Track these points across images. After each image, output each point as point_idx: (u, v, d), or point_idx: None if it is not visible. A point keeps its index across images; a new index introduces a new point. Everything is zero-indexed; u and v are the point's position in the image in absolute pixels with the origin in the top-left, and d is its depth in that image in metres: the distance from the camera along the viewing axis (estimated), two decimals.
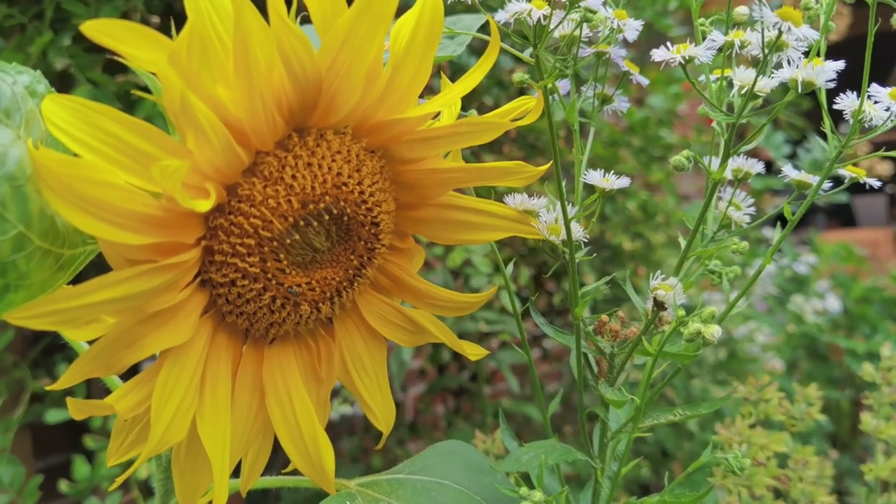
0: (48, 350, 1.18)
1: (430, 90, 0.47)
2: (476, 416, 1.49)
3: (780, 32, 0.29)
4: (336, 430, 1.45)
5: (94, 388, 1.12)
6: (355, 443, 1.42)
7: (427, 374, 1.59)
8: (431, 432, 1.48)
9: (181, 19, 0.26)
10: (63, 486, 1.06)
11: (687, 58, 0.33)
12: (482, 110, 0.41)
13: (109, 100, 1.00)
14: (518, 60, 0.35)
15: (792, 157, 1.88)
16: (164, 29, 0.29)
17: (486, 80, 1.29)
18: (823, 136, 0.38)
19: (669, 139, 1.59)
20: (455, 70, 1.16)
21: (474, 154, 1.27)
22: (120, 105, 1.00)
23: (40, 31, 1.02)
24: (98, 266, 0.34)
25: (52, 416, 1.05)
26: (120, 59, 0.27)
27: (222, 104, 0.27)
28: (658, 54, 0.34)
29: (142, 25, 0.25)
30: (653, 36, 1.62)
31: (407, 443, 1.44)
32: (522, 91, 0.39)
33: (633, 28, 0.38)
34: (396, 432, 1.40)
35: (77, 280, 0.32)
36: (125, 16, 1.02)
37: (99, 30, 0.25)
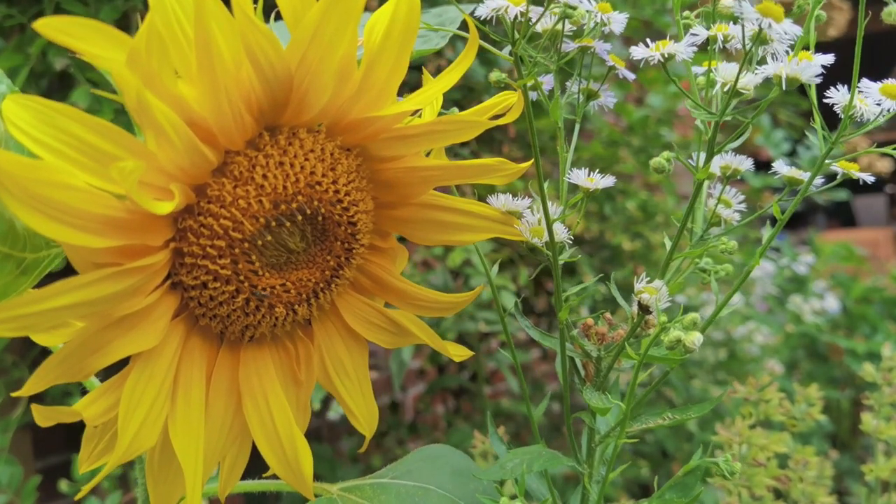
0: (47, 350, 1.18)
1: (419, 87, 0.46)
2: (476, 416, 1.48)
3: (761, 29, 0.28)
4: (336, 430, 1.44)
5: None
6: (355, 443, 1.41)
7: (427, 374, 1.58)
8: (431, 432, 1.47)
9: None
10: (63, 485, 1.05)
11: (666, 55, 0.32)
12: None
13: (108, 100, 0.99)
14: (518, 59, 0.34)
15: (792, 154, 1.87)
16: None
17: (485, 80, 1.28)
18: (816, 132, 0.37)
19: (669, 138, 1.58)
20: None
21: (474, 154, 1.26)
22: (119, 106, 1.00)
23: None
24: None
25: None
26: (81, 58, 0.26)
27: (185, 103, 0.26)
28: (637, 52, 0.33)
29: (101, 23, 0.24)
30: (653, 34, 1.61)
31: (407, 443, 1.44)
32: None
33: (618, 21, 0.37)
34: (396, 432, 1.40)
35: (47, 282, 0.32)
36: (125, 15, 1.02)
37: (55, 27, 0.24)
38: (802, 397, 0.82)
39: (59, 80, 1.04)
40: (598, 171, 0.40)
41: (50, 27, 0.24)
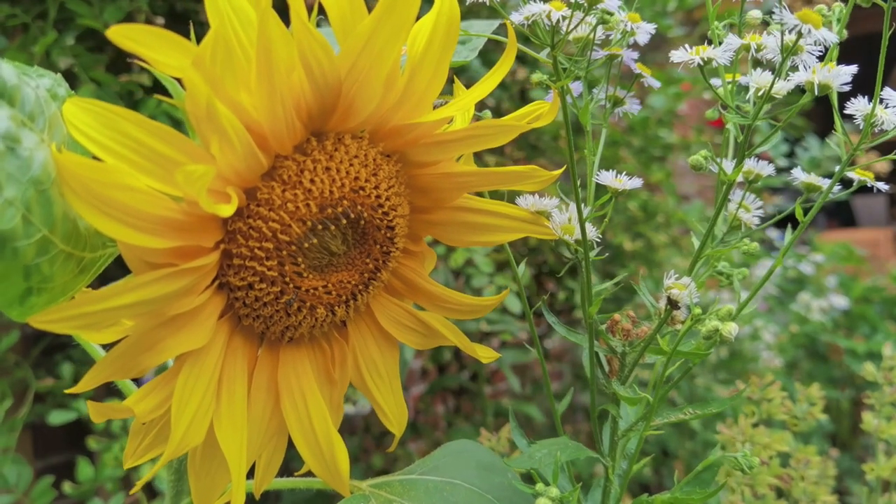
0: (48, 350, 1.18)
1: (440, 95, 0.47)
2: (476, 416, 1.49)
3: (800, 34, 0.29)
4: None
5: (103, 392, 1.12)
6: (356, 442, 1.42)
7: (429, 374, 1.59)
8: (432, 432, 1.48)
9: (184, 20, 0.26)
10: (67, 487, 1.06)
11: (706, 59, 0.33)
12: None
13: (112, 99, 1.00)
14: (521, 62, 0.35)
15: (790, 155, 1.89)
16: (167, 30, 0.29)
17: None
18: (823, 136, 0.38)
19: (669, 139, 1.60)
20: (457, 71, 1.16)
21: (476, 154, 1.27)
22: (123, 104, 1.00)
23: (44, 30, 1.02)
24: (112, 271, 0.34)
25: (56, 418, 1.05)
26: (140, 63, 0.27)
27: (244, 109, 0.27)
28: (676, 56, 0.34)
29: (166, 30, 0.25)
30: (652, 37, 1.63)
31: (408, 443, 1.44)
32: (524, 91, 0.39)
33: (645, 31, 0.38)
34: None
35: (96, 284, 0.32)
36: (129, 16, 1.02)
37: (123, 34, 0.25)
38: (804, 397, 0.83)
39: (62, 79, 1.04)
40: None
41: (120, 35, 0.24)
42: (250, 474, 0.38)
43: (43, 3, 1.04)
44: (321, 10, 0.30)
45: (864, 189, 0.40)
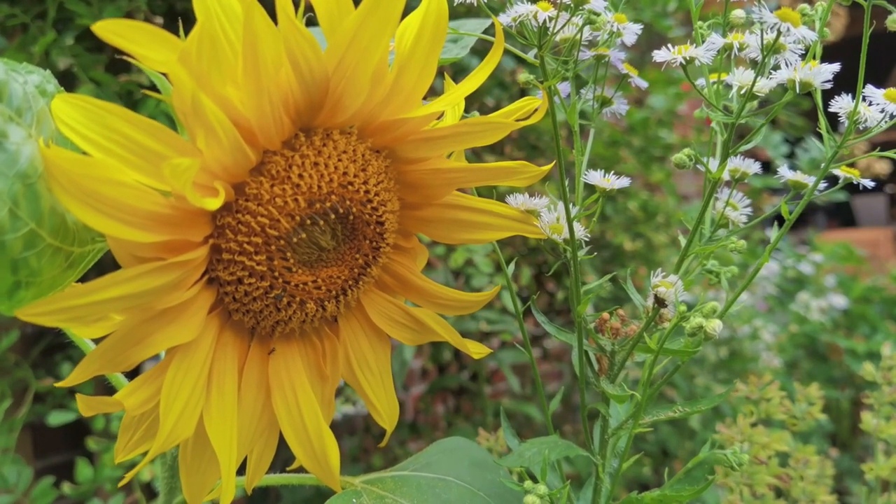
0: (48, 350, 1.19)
1: (433, 92, 0.48)
2: (476, 416, 1.49)
3: (780, 33, 0.29)
4: (337, 429, 1.45)
5: (99, 389, 1.12)
6: (356, 442, 1.42)
7: (429, 374, 1.59)
8: (432, 432, 1.48)
9: (183, 20, 0.27)
10: (66, 488, 1.06)
11: (688, 59, 0.33)
12: (483, 111, 0.41)
13: (112, 99, 1.00)
14: (520, 62, 0.36)
15: (790, 156, 1.89)
16: (167, 30, 0.29)
17: (487, 81, 1.29)
18: (820, 136, 0.38)
19: (669, 139, 1.60)
20: (457, 71, 1.16)
21: (476, 154, 1.27)
22: (122, 104, 1.01)
23: (43, 30, 1.02)
24: (100, 265, 0.34)
25: (55, 419, 1.06)
26: (129, 59, 0.27)
27: (231, 104, 0.27)
28: (660, 55, 0.34)
29: (152, 26, 0.26)
30: (653, 37, 1.63)
31: (408, 443, 1.44)
32: (524, 91, 0.39)
33: (632, 32, 0.38)
34: (397, 432, 1.41)
35: (83, 279, 0.33)
36: (129, 16, 1.02)
37: (109, 30, 0.25)
38: (803, 396, 0.83)
39: (62, 79, 1.05)
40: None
41: (105, 30, 0.25)
42: (242, 471, 0.38)
43: (42, 3, 1.04)
44: (309, 8, 0.31)
45: (864, 189, 0.41)
